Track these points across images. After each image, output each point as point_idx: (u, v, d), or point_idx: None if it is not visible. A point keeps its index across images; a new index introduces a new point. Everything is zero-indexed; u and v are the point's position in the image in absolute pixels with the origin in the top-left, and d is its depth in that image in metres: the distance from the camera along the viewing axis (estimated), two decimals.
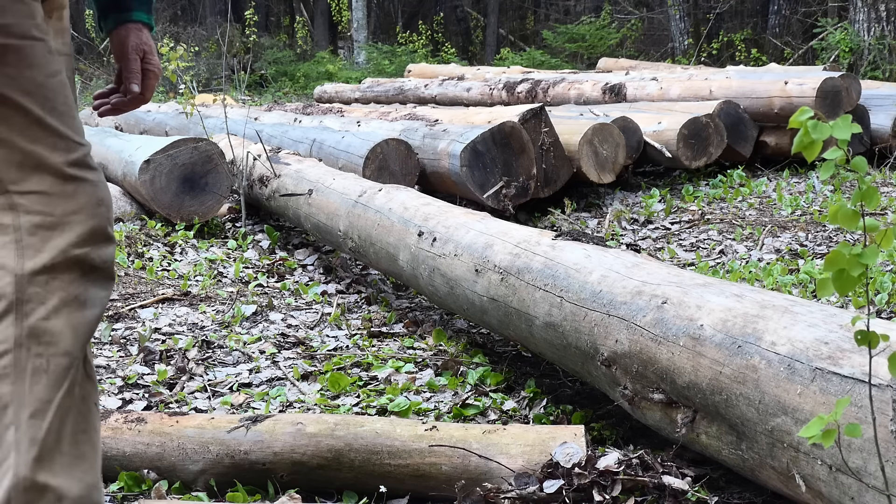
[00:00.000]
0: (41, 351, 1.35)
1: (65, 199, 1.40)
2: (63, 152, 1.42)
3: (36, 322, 1.35)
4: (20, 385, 1.33)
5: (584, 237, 2.63)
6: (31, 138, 1.39)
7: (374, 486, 2.15)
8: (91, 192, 1.44)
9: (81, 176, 1.43)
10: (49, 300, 1.37)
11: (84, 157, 1.45)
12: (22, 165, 1.38)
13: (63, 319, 1.37)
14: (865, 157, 1.37)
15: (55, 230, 1.39)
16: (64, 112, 1.44)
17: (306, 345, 3.33)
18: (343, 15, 19.10)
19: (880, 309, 3.28)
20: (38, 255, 1.37)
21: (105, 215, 1.45)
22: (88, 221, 1.42)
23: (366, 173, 4.87)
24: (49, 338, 1.36)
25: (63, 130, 1.42)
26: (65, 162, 1.41)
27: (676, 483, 2.04)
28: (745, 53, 13.42)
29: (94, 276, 1.43)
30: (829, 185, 5.30)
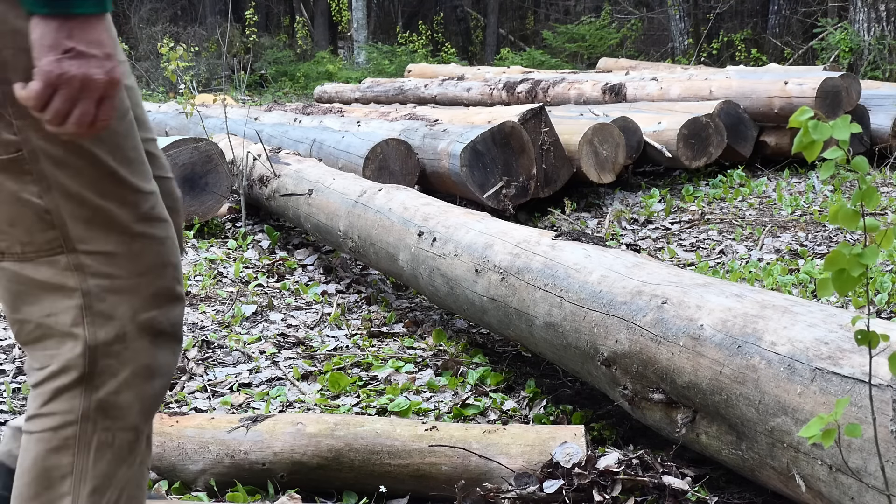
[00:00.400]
0: (108, 425, 1.31)
1: (131, 259, 1.31)
2: (132, 207, 1.31)
3: (105, 396, 1.30)
4: (83, 458, 1.30)
5: (584, 237, 2.63)
6: (101, 192, 1.29)
7: (374, 486, 2.15)
8: (157, 251, 1.34)
9: (149, 233, 1.33)
10: (121, 373, 1.31)
11: (152, 208, 1.34)
12: (90, 222, 1.29)
13: (133, 393, 1.32)
14: (865, 156, 1.37)
15: (123, 294, 1.31)
16: (134, 159, 1.33)
17: (306, 345, 3.33)
18: (343, 15, 19.10)
19: (880, 309, 3.28)
20: (109, 322, 1.30)
21: (172, 275, 1.36)
22: (155, 283, 1.34)
23: (366, 173, 4.87)
24: (117, 412, 1.31)
25: (134, 182, 1.31)
26: (134, 218, 1.31)
27: (676, 483, 2.04)
28: (745, 53, 13.42)
29: (162, 342, 1.35)
30: (829, 185, 5.30)
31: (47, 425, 1.30)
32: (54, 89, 1.16)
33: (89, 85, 1.17)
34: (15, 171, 1.26)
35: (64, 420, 1.30)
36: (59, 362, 1.30)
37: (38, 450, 1.31)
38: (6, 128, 1.24)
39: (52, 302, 1.30)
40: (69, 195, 1.27)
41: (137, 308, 1.32)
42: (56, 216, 1.28)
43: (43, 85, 1.16)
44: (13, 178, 1.27)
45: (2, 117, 1.24)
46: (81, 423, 1.29)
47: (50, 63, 1.15)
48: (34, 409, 1.32)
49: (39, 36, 1.16)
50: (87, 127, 1.19)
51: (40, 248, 1.29)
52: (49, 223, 1.28)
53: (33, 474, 1.31)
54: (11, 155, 1.26)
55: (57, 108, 1.17)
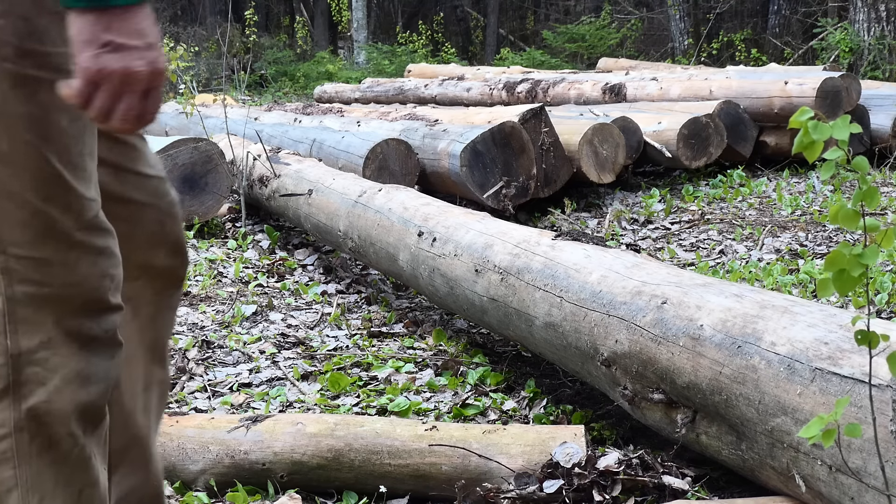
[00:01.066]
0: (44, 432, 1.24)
1: (65, 268, 1.24)
2: (76, 214, 1.23)
3: (36, 404, 1.23)
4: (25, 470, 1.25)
5: (583, 237, 2.63)
6: (43, 196, 1.21)
7: (374, 485, 2.15)
8: (94, 261, 1.26)
9: (88, 242, 1.25)
10: (49, 380, 1.24)
11: (94, 217, 1.27)
12: (27, 226, 1.21)
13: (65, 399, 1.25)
14: (865, 156, 1.37)
15: (50, 302, 1.23)
16: (79, 164, 1.24)
17: (306, 345, 3.33)
18: (343, 15, 19.10)
19: (880, 309, 3.28)
20: (33, 329, 1.23)
21: (107, 286, 1.28)
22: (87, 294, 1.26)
23: (366, 173, 4.87)
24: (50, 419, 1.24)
25: (78, 188, 1.23)
26: (76, 226, 1.24)
27: (676, 483, 2.04)
28: (745, 53, 13.42)
29: (95, 347, 1.28)
30: (829, 185, 5.30)
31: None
32: (96, 86, 1.11)
33: (131, 78, 1.11)
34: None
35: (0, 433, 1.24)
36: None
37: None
38: None
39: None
40: (9, 195, 1.20)
41: (64, 315, 1.25)
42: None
43: (84, 82, 1.11)
44: None
45: None
46: (16, 434, 1.24)
47: (88, 59, 1.10)
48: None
49: (77, 32, 1.10)
50: (134, 121, 1.13)
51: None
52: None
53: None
54: None
55: (100, 106, 1.12)
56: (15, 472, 1.25)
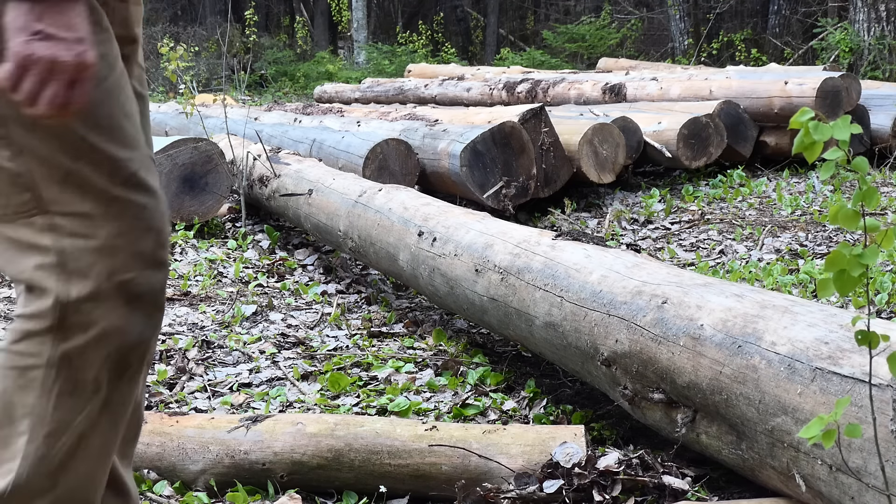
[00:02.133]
0: (71, 376, 1.33)
1: (109, 221, 1.32)
2: (108, 171, 1.32)
3: (71, 349, 1.32)
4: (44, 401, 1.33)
5: (584, 237, 2.63)
6: (73, 156, 1.30)
7: (374, 485, 2.15)
8: (137, 214, 1.34)
9: (127, 197, 1.33)
10: (90, 330, 1.32)
11: (132, 175, 1.34)
12: (64, 184, 1.30)
13: (99, 351, 1.33)
14: (865, 157, 1.37)
15: (100, 254, 1.31)
16: (109, 125, 1.33)
17: (306, 345, 3.33)
18: (343, 15, 19.10)
19: (880, 309, 3.28)
20: (84, 280, 1.31)
21: (155, 239, 1.36)
22: (136, 244, 1.34)
23: (366, 173, 4.87)
24: (80, 364, 1.33)
25: (107, 148, 1.32)
26: (110, 182, 1.32)
27: (676, 483, 2.04)
28: (745, 53, 13.42)
29: (138, 305, 1.35)
30: (829, 185, 5.30)
31: (15, 363, 1.34)
32: (24, 70, 1.18)
33: (57, 67, 1.19)
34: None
35: (31, 362, 1.33)
36: (32, 308, 1.33)
37: (5, 384, 1.34)
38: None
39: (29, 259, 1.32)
40: (40, 159, 1.29)
41: (115, 268, 1.32)
42: (28, 179, 1.30)
43: (13, 66, 1.18)
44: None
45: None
46: (46, 368, 1.32)
47: (19, 44, 1.18)
48: (6, 343, 1.36)
49: (11, 18, 1.18)
50: (59, 109, 1.21)
51: (17, 209, 1.32)
52: (22, 186, 1.30)
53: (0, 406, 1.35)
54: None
55: (27, 90, 1.19)
56: (35, 402, 1.33)
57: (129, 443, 1.59)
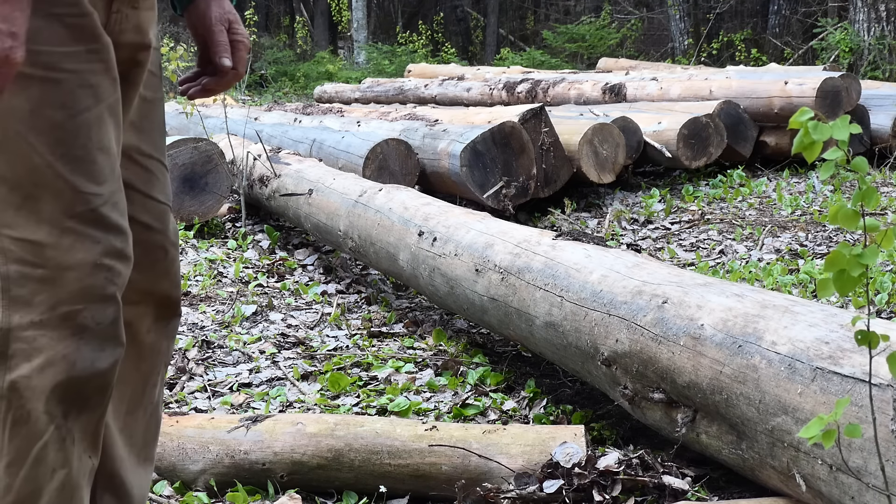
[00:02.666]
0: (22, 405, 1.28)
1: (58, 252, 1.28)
2: (68, 204, 1.28)
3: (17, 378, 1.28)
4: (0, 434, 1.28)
5: (584, 237, 2.63)
6: (35, 183, 1.27)
7: (374, 485, 2.15)
8: (90, 249, 1.30)
9: (83, 231, 1.29)
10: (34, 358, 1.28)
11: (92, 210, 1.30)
12: (19, 209, 1.27)
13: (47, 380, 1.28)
14: (865, 157, 1.37)
15: (45, 284, 1.28)
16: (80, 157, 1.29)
17: (306, 345, 3.33)
18: (343, 15, 19.10)
19: (880, 309, 3.28)
20: (25, 308, 1.27)
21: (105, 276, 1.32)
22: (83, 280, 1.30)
23: (366, 173, 4.87)
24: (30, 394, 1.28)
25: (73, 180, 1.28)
26: (67, 214, 1.28)
27: (676, 483, 2.04)
28: (745, 53, 13.42)
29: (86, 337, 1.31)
30: (829, 185, 5.30)
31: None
32: None
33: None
34: None
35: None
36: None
37: None
38: None
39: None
40: (3, 179, 1.27)
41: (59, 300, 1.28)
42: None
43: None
44: None
45: None
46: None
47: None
48: None
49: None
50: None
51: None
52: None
53: None
54: None
55: None
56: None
57: (150, 444, 1.57)
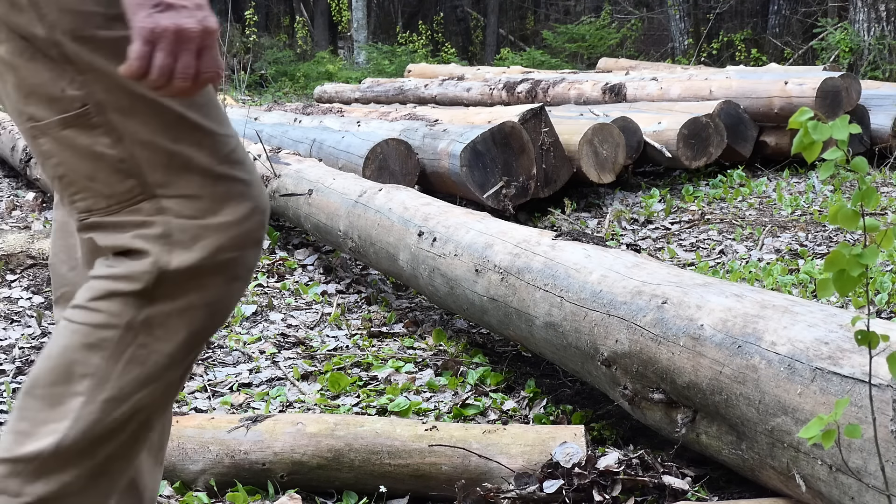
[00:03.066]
0: (147, 342, 1.29)
1: (216, 201, 1.30)
2: (210, 149, 1.30)
3: (156, 314, 1.29)
4: (111, 365, 1.29)
5: (584, 237, 2.63)
6: (173, 137, 1.28)
7: (374, 485, 2.15)
8: (242, 192, 1.32)
9: (232, 174, 1.32)
10: (179, 299, 1.29)
11: (232, 151, 1.33)
12: (168, 167, 1.28)
13: (184, 322, 1.30)
14: (865, 157, 1.38)
15: (208, 231, 1.29)
16: (203, 102, 1.31)
17: (306, 345, 3.33)
18: (343, 15, 19.10)
19: (880, 309, 3.28)
20: (187, 253, 1.28)
21: (259, 219, 1.34)
22: (241, 225, 1.31)
23: (366, 173, 4.87)
24: (161, 333, 1.30)
25: (206, 124, 1.30)
26: (214, 161, 1.30)
27: (676, 483, 2.04)
28: (745, 53, 13.42)
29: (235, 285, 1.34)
30: (829, 185, 5.30)
31: (89, 320, 1.30)
32: (153, 45, 1.16)
33: (184, 35, 1.16)
34: (84, 126, 1.27)
35: (108, 321, 1.29)
36: (125, 269, 1.29)
37: (70, 340, 1.30)
38: (70, 84, 1.26)
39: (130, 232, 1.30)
40: (142, 143, 1.27)
41: (221, 246, 1.30)
42: (132, 164, 1.28)
43: (141, 43, 1.16)
44: (84, 132, 1.28)
45: (64, 74, 1.26)
46: (124, 330, 1.28)
47: (142, 19, 1.16)
48: (82, 299, 1.31)
49: None
50: (192, 81, 1.18)
51: (122, 198, 1.29)
52: (126, 172, 1.28)
53: (58, 362, 1.30)
54: (78, 110, 1.27)
55: (161, 64, 1.16)
56: (100, 363, 1.29)
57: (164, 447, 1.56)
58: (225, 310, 1.35)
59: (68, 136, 1.28)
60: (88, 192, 1.31)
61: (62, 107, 1.27)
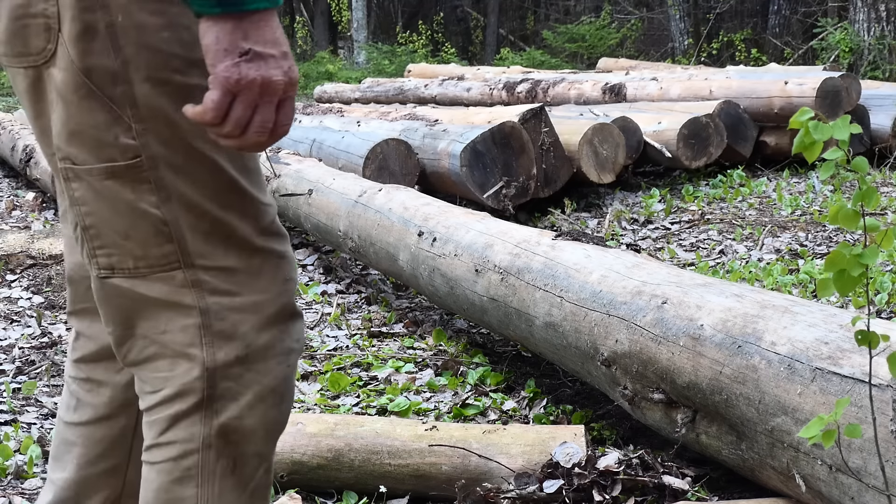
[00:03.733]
0: (231, 452, 1.21)
1: (252, 276, 1.21)
2: (253, 220, 1.21)
3: (228, 421, 1.20)
4: (207, 489, 1.21)
5: (584, 237, 2.63)
6: (223, 203, 1.18)
7: (374, 485, 2.15)
8: (278, 265, 1.24)
9: (269, 247, 1.23)
10: (243, 396, 1.20)
11: (272, 222, 1.24)
12: (210, 235, 1.19)
13: (256, 416, 1.22)
14: (865, 156, 1.37)
15: (245, 313, 1.20)
16: (253, 168, 1.22)
17: (306, 345, 3.34)
18: (343, 15, 19.11)
19: (880, 309, 3.28)
20: (230, 343, 1.19)
21: (292, 290, 1.26)
22: (277, 300, 1.23)
23: (366, 173, 4.87)
24: (240, 438, 1.21)
25: (253, 193, 1.21)
26: (255, 232, 1.21)
27: (676, 483, 2.04)
28: (745, 53, 13.43)
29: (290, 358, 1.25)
30: (829, 185, 5.30)
31: (168, 455, 1.22)
32: (234, 96, 1.06)
33: (269, 88, 1.06)
34: (132, 179, 1.17)
35: (185, 449, 1.21)
36: (175, 386, 1.20)
37: (160, 481, 1.22)
38: (125, 131, 1.15)
39: (168, 320, 1.20)
40: (190, 206, 1.18)
41: (259, 327, 1.21)
42: (175, 228, 1.18)
43: (222, 92, 1.05)
44: (130, 186, 1.17)
45: (120, 120, 1.15)
46: (203, 451, 1.20)
47: (228, 68, 1.05)
48: (152, 438, 1.23)
49: (214, 40, 1.05)
50: (269, 134, 1.09)
51: (155, 263, 1.19)
52: (167, 236, 1.18)
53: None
54: (129, 161, 1.16)
55: (238, 117, 1.07)
56: (197, 492, 1.21)
57: None
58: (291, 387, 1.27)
59: (110, 188, 1.17)
60: (116, 250, 1.20)
61: (110, 154, 1.16)
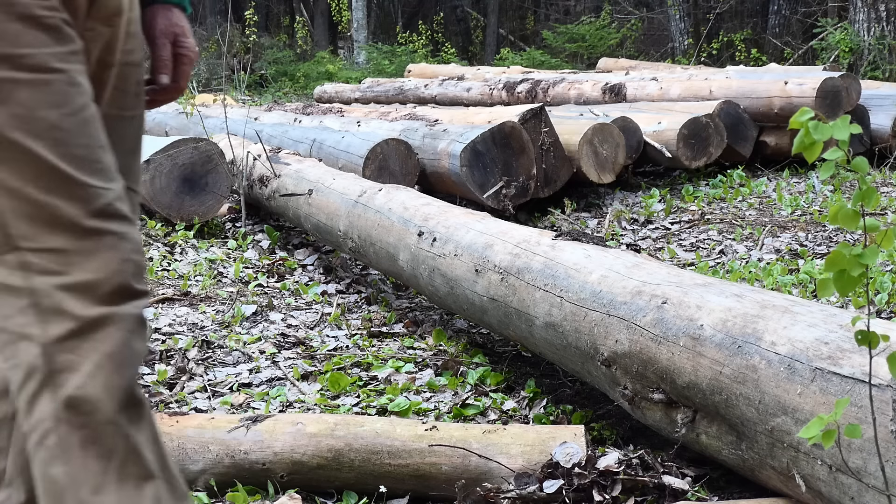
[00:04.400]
0: (82, 423, 1.23)
1: (84, 256, 1.24)
2: (81, 202, 1.25)
3: (72, 392, 1.22)
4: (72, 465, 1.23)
5: (584, 237, 2.63)
6: (43, 188, 1.23)
7: (374, 485, 2.15)
8: (115, 245, 1.27)
9: (103, 228, 1.26)
10: (83, 366, 1.23)
11: (107, 205, 1.27)
12: (34, 219, 1.23)
13: (100, 385, 1.23)
14: (865, 156, 1.37)
15: (76, 290, 1.24)
16: (84, 155, 1.26)
17: (306, 345, 3.33)
18: (343, 15, 19.10)
19: (880, 309, 3.28)
20: (61, 317, 1.23)
21: (130, 271, 1.28)
22: (113, 279, 1.26)
23: (366, 173, 4.87)
24: (89, 407, 1.23)
25: (80, 177, 1.25)
26: (83, 213, 1.25)
27: (676, 483, 2.04)
28: (745, 53, 13.42)
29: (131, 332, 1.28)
30: (829, 185, 5.30)
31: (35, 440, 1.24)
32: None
33: None
34: None
35: (44, 429, 1.23)
36: (23, 369, 1.24)
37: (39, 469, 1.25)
38: None
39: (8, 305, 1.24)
40: (8, 191, 1.23)
41: (91, 304, 1.25)
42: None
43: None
44: None
45: None
46: (57, 428, 1.22)
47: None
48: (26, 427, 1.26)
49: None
50: None
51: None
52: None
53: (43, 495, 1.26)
54: None
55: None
56: (64, 469, 1.23)
57: None
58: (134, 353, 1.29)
59: None
60: None
61: None
